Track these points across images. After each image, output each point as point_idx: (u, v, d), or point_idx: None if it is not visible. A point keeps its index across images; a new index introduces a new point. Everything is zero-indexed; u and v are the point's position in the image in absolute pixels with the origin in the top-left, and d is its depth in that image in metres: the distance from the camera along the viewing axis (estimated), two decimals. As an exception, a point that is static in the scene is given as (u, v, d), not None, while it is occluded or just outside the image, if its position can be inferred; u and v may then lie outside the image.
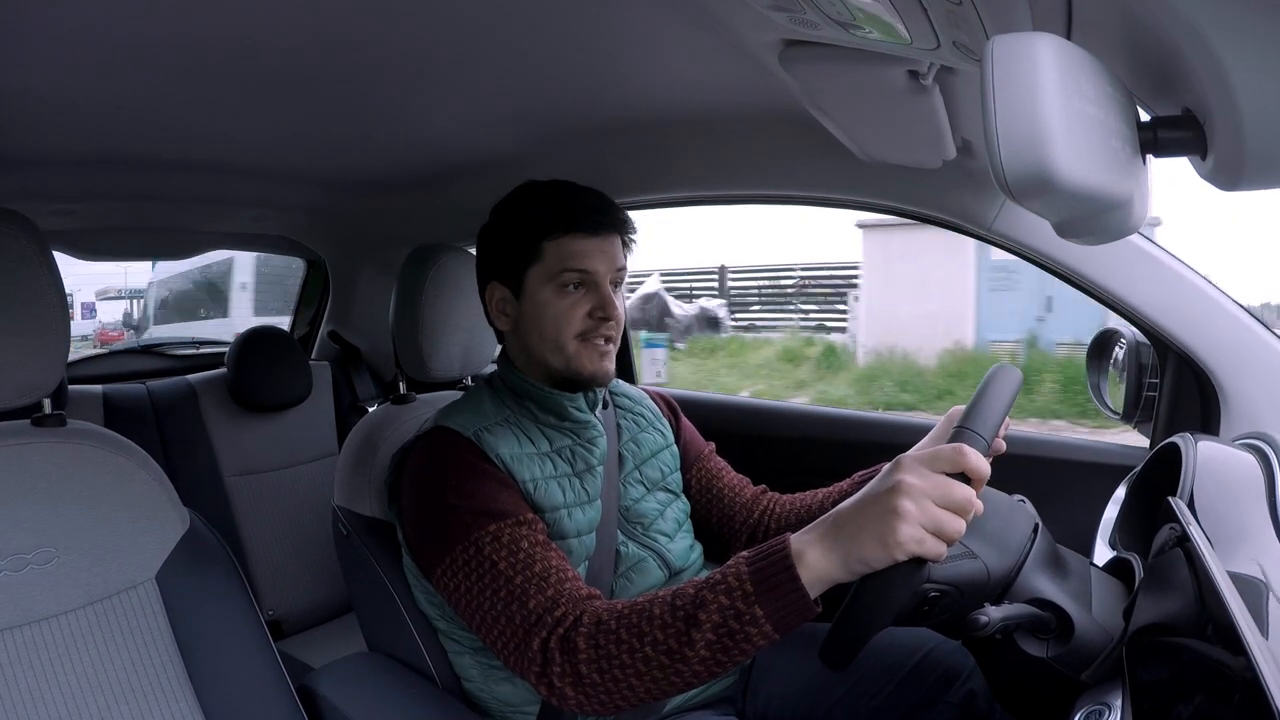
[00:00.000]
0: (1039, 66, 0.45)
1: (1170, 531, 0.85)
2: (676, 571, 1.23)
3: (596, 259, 1.14)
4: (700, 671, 0.83)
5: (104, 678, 0.94)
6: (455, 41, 1.10)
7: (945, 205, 1.40)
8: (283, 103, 1.32)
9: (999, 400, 0.85)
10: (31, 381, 0.94)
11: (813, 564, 0.78)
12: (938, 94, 1.00)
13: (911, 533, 0.74)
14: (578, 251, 1.13)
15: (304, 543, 2.15)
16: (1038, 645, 0.88)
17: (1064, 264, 1.32)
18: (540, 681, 0.91)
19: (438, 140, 1.63)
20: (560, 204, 1.15)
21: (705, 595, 0.82)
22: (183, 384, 2.17)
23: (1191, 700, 0.67)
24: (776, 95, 1.26)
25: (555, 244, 1.13)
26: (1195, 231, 12.68)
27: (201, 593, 1.03)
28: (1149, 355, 1.38)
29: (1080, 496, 1.32)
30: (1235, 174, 0.50)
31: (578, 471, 1.16)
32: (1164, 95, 0.56)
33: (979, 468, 0.77)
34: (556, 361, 1.15)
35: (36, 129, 1.38)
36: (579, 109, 1.44)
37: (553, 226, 1.13)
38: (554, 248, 1.13)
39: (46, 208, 1.82)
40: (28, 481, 0.94)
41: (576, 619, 0.90)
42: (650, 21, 1.04)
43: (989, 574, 0.89)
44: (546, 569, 0.97)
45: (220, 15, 0.97)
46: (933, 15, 0.69)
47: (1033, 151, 0.45)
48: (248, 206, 2.11)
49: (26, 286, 0.92)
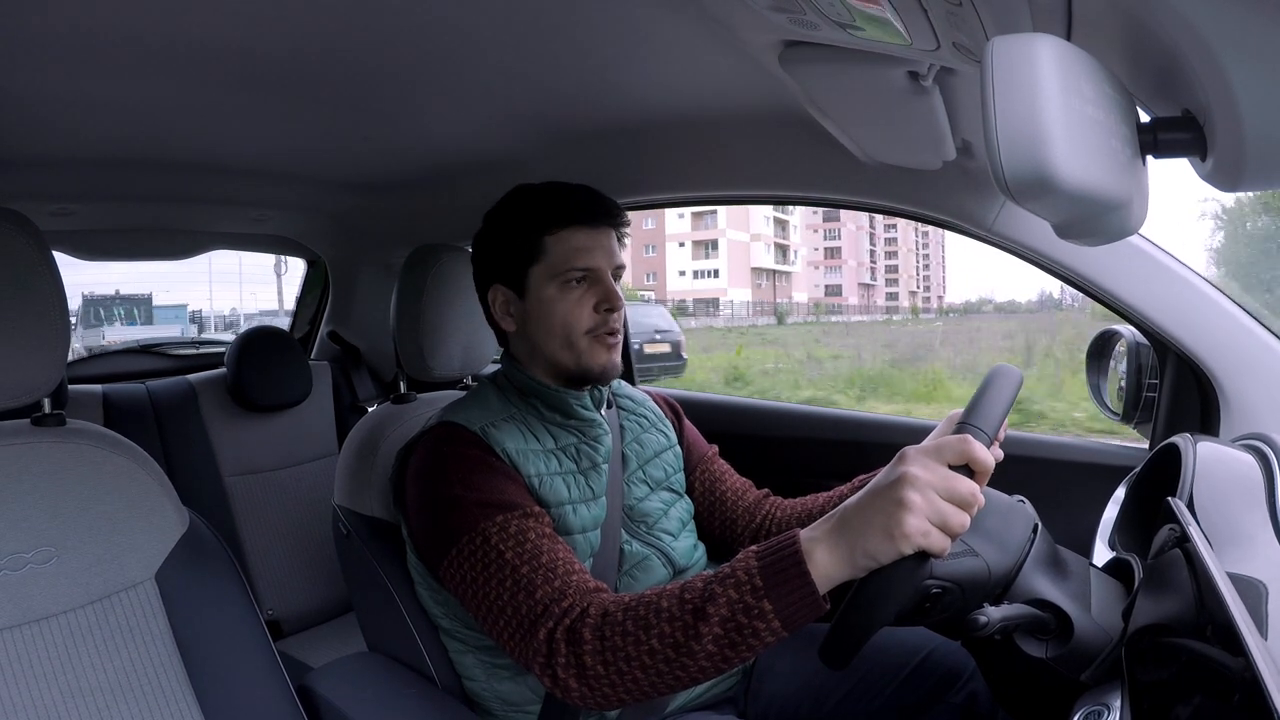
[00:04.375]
0: (1039, 68, 0.45)
1: (1170, 532, 0.85)
2: (681, 570, 1.23)
3: (597, 252, 1.15)
4: (706, 666, 0.83)
5: (103, 677, 0.94)
6: (456, 43, 1.10)
7: (945, 206, 1.40)
8: (284, 104, 1.33)
9: (1000, 398, 0.85)
10: (31, 381, 0.94)
11: (821, 561, 0.78)
12: (938, 95, 1.00)
13: (918, 524, 0.74)
14: (579, 246, 1.14)
15: (304, 542, 2.15)
16: (1037, 646, 0.88)
17: (1064, 265, 1.32)
18: (545, 673, 0.91)
19: (438, 141, 1.63)
20: (556, 199, 1.16)
21: (714, 589, 0.82)
22: (182, 384, 2.17)
23: (1191, 701, 0.67)
24: (776, 96, 1.26)
25: (556, 238, 1.14)
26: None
27: (201, 592, 1.03)
28: (1148, 356, 1.38)
29: (1080, 497, 1.32)
30: (1235, 175, 0.50)
31: (583, 469, 1.17)
32: (1164, 96, 0.56)
33: (984, 459, 0.77)
34: (567, 358, 1.16)
35: (37, 129, 1.38)
36: (579, 110, 1.44)
37: (552, 221, 1.14)
38: (555, 242, 1.14)
39: (46, 208, 1.82)
40: (27, 481, 0.94)
41: (583, 610, 0.90)
42: (651, 23, 1.04)
43: (990, 572, 0.89)
44: (554, 560, 0.97)
45: (220, 16, 0.97)
46: (932, 16, 0.69)
47: (1032, 152, 0.45)
48: (248, 207, 2.12)
49: (26, 287, 0.92)
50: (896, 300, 67.10)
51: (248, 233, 2.38)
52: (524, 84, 1.29)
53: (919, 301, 68.51)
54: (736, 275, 51.30)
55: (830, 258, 65.90)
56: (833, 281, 65.37)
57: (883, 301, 65.65)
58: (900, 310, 59.15)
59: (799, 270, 60.02)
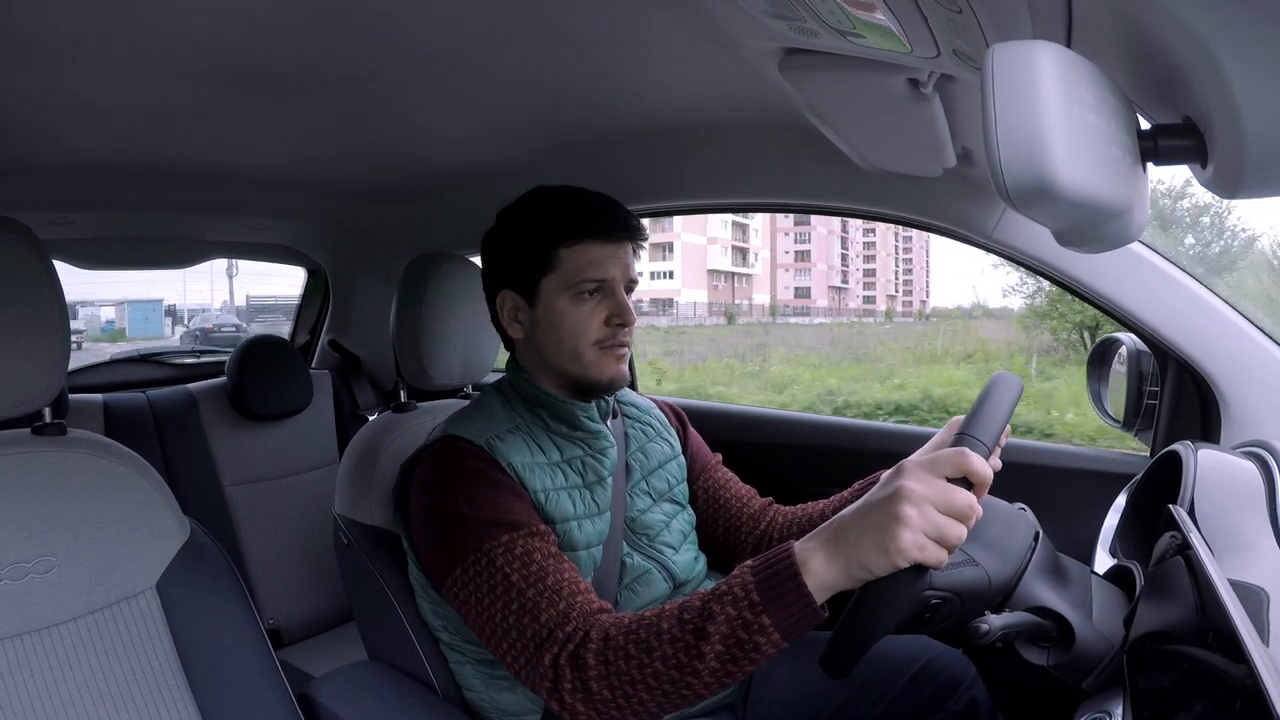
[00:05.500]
0: (1039, 75, 0.45)
1: (1171, 539, 0.85)
2: (681, 583, 1.22)
3: (612, 266, 1.12)
4: (710, 683, 0.83)
5: (104, 687, 0.94)
6: (457, 52, 1.10)
7: (945, 214, 1.40)
8: (284, 112, 1.33)
9: (999, 408, 0.85)
10: (32, 391, 0.94)
11: (817, 571, 0.78)
12: (938, 102, 1.00)
13: (913, 539, 0.74)
14: (594, 260, 1.11)
15: (304, 551, 2.15)
16: (1038, 653, 0.88)
17: (1064, 272, 1.32)
18: (552, 697, 0.90)
19: (439, 150, 1.63)
20: (574, 210, 1.13)
21: (712, 607, 0.82)
22: (183, 393, 2.17)
23: (1192, 708, 0.67)
24: (777, 104, 1.27)
25: (571, 251, 1.11)
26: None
27: (202, 601, 1.03)
28: (1149, 363, 1.38)
29: (1081, 505, 1.32)
30: (1235, 182, 0.50)
31: (588, 483, 1.16)
32: (1164, 103, 0.56)
33: (981, 472, 0.77)
34: (574, 369, 1.14)
35: (37, 138, 1.38)
36: (579, 118, 1.44)
37: (568, 234, 1.11)
38: (570, 255, 1.11)
39: (46, 217, 1.82)
40: (28, 490, 0.94)
41: (585, 635, 0.90)
42: (650, 31, 1.04)
43: (990, 581, 0.89)
44: (559, 582, 0.97)
45: (222, 25, 0.97)
46: (933, 23, 0.70)
47: (1033, 160, 0.45)
48: (248, 215, 2.12)
49: (26, 296, 0.92)
50: (874, 304, 67.21)
51: (248, 241, 2.39)
52: (525, 93, 1.29)
53: (898, 305, 68.59)
54: (691, 277, 52.92)
55: (800, 260, 66.38)
56: (803, 284, 66.16)
57: (855, 304, 65.82)
58: (875, 314, 59.45)
59: (759, 273, 61.42)
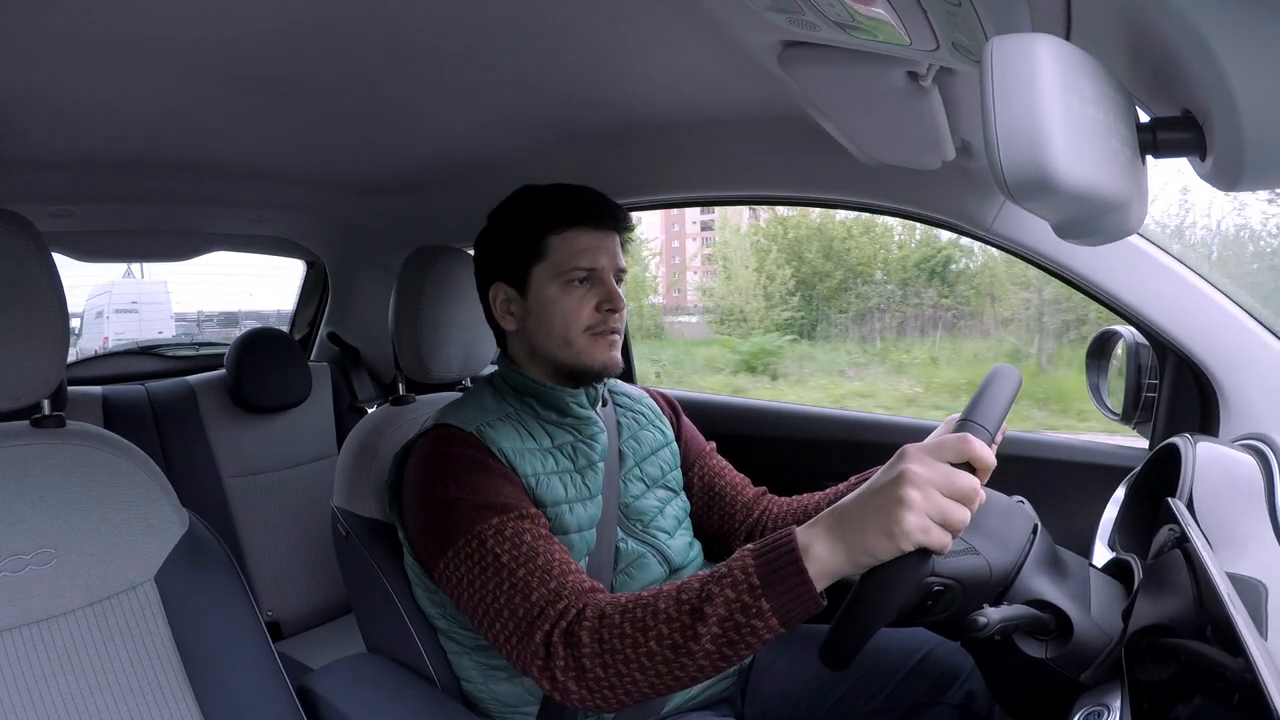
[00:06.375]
0: (1038, 68, 0.45)
1: (1169, 533, 0.85)
2: (676, 568, 1.23)
3: (601, 255, 1.15)
4: (705, 666, 0.82)
5: (103, 679, 0.94)
6: (456, 45, 1.10)
7: (945, 206, 1.40)
8: (283, 105, 1.32)
9: (1000, 398, 0.85)
10: (31, 383, 0.94)
11: (819, 557, 0.78)
12: (937, 95, 1.00)
13: (917, 522, 0.73)
14: (583, 248, 1.14)
15: (303, 544, 2.15)
16: (1037, 646, 0.88)
17: (1063, 265, 1.32)
18: (543, 675, 0.90)
19: (437, 143, 1.63)
20: (563, 199, 1.17)
21: (711, 589, 0.82)
22: (182, 385, 2.17)
23: (1190, 701, 0.67)
24: (776, 97, 1.27)
25: (560, 238, 1.14)
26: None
27: (201, 594, 1.03)
28: (1148, 356, 1.38)
29: (1079, 498, 1.32)
30: (1234, 174, 0.50)
31: (579, 467, 1.17)
32: (1163, 96, 0.56)
33: (984, 456, 0.77)
34: (566, 356, 1.16)
35: (36, 130, 1.38)
36: (578, 111, 1.44)
37: (557, 221, 1.15)
38: (559, 242, 1.14)
39: (45, 209, 1.82)
40: (27, 483, 0.94)
41: (579, 612, 0.89)
42: (649, 24, 1.04)
43: (990, 570, 0.89)
44: (549, 562, 0.97)
45: (220, 17, 0.97)
46: (932, 16, 0.69)
47: (1032, 152, 0.45)
48: (247, 208, 2.11)
49: (25, 288, 0.92)
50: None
51: (247, 234, 2.38)
52: (523, 86, 1.29)
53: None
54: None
55: (708, 264, 66.54)
56: (709, 285, 66.15)
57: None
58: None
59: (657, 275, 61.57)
